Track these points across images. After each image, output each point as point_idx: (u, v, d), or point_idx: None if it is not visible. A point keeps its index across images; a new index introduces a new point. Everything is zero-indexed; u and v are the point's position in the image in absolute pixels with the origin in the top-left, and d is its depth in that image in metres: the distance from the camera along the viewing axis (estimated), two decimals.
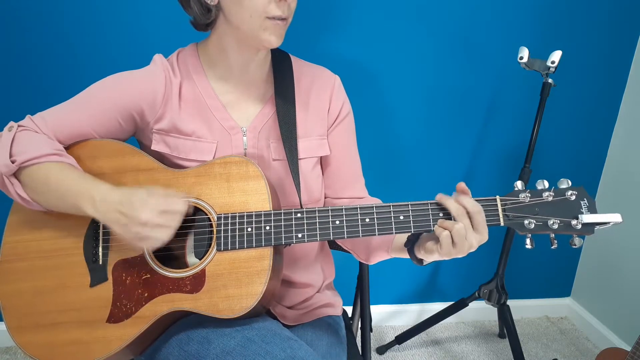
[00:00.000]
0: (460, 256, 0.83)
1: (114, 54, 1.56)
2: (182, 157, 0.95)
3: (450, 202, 0.83)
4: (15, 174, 0.88)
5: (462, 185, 0.85)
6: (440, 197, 0.85)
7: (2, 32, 1.50)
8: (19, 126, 0.90)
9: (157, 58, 0.98)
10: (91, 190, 0.84)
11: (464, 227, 0.81)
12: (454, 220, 0.82)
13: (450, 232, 0.81)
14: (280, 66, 1.02)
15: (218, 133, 0.96)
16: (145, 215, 0.79)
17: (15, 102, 1.58)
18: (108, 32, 1.54)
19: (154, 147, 0.96)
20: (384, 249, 1.00)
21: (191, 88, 0.97)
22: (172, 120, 0.95)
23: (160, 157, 0.96)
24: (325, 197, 1.10)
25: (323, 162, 1.07)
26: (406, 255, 0.95)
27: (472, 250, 0.83)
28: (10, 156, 0.86)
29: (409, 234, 0.93)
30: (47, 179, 0.86)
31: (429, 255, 0.87)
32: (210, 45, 0.98)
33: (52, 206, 0.89)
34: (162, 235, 0.82)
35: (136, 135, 1.01)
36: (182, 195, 0.85)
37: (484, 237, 0.83)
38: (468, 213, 0.82)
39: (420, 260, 0.92)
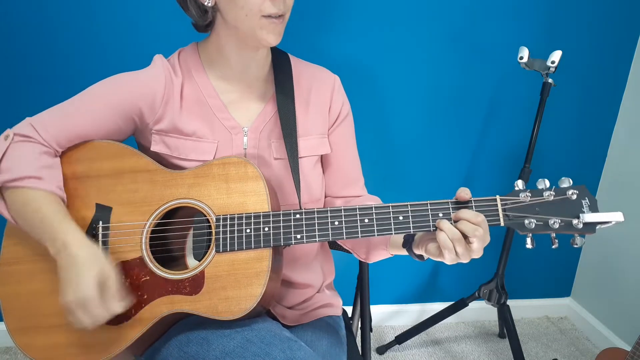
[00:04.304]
0: (464, 261, 0.83)
1: (114, 54, 1.56)
2: (182, 157, 0.94)
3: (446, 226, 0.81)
4: (1, 192, 0.87)
5: (463, 190, 0.84)
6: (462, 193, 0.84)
7: (1, 32, 1.50)
8: (15, 135, 0.88)
9: (158, 59, 0.97)
10: (56, 238, 0.82)
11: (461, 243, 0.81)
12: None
13: (446, 234, 0.81)
14: (280, 65, 1.02)
15: (219, 132, 0.96)
16: (68, 297, 0.79)
17: (14, 102, 1.58)
18: (108, 32, 1.54)
19: (153, 147, 0.95)
20: (381, 247, 1.00)
21: (193, 87, 0.96)
22: (173, 120, 0.94)
23: (159, 158, 0.96)
24: (325, 197, 1.10)
25: (324, 162, 1.07)
26: (405, 253, 0.95)
27: (476, 255, 0.83)
28: None
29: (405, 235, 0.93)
30: (24, 206, 0.85)
31: (431, 256, 0.87)
32: (210, 45, 0.98)
33: (26, 231, 0.87)
34: (81, 323, 0.80)
35: (135, 136, 1.00)
36: (122, 304, 0.82)
37: (485, 241, 0.83)
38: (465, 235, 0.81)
39: (420, 256, 0.93)
